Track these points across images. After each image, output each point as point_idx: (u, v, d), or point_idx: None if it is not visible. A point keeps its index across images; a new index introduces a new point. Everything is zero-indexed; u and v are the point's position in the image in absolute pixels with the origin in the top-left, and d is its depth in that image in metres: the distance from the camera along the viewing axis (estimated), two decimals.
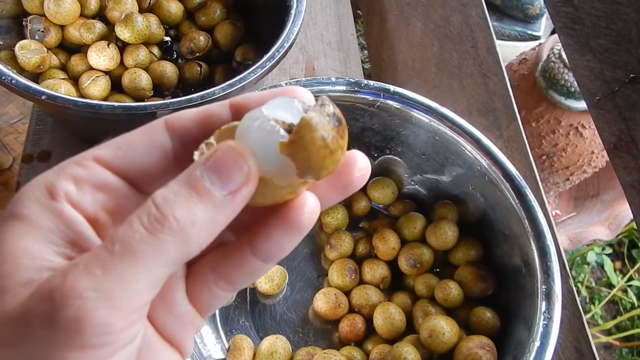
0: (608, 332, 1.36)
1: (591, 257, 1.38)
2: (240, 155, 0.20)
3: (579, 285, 1.41)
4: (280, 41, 0.60)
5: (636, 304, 1.38)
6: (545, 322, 0.45)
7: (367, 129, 0.59)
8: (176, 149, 0.23)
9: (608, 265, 1.40)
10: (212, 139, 0.21)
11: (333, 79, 0.56)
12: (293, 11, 0.63)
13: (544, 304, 0.46)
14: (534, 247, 0.50)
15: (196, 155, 0.21)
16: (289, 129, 0.20)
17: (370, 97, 0.56)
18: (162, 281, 0.20)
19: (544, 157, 1.07)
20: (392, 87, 0.56)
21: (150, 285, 0.19)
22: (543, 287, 0.47)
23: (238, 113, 0.23)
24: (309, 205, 0.21)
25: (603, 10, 0.43)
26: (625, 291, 1.41)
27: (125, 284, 0.18)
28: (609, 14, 0.42)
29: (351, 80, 0.56)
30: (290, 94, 0.22)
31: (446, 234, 0.57)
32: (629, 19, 0.41)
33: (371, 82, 0.56)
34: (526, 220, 0.51)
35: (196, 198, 0.19)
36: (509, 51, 1.30)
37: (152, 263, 0.18)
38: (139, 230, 0.18)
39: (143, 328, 0.20)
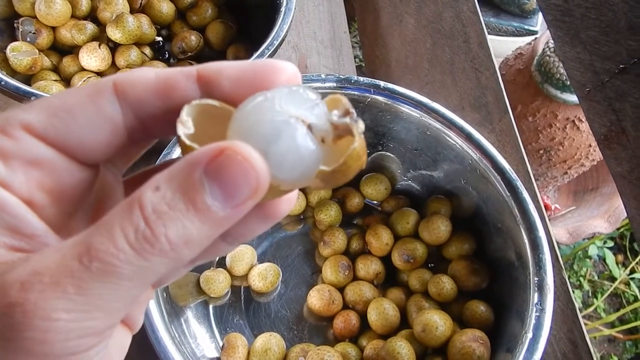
0: (611, 325, 1.35)
1: (593, 250, 1.38)
2: (252, 169, 0.16)
3: (581, 279, 1.41)
4: (269, 39, 0.60)
5: (639, 297, 1.37)
6: (538, 314, 0.45)
7: None
8: (128, 122, 0.19)
9: (610, 258, 1.39)
10: (184, 115, 0.18)
11: (323, 76, 0.56)
12: (283, 9, 0.63)
13: (536, 295, 0.46)
14: (526, 240, 0.49)
15: (182, 132, 0.18)
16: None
17: (360, 94, 0.56)
18: (142, 292, 0.18)
19: (541, 152, 1.07)
20: (382, 83, 0.56)
21: (130, 301, 0.17)
22: (535, 279, 0.47)
23: (207, 87, 0.19)
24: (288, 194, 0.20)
25: (592, 2, 0.42)
26: (627, 284, 1.40)
27: (103, 305, 0.16)
28: (598, 5, 0.42)
29: (341, 76, 0.56)
30: (272, 69, 0.19)
31: (439, 228, 0.57)
32: (618, 10, 0.40)
33: (361, 78, 0.56)
34: (518, 213, 0.51)
35: (193, 214, 0.16)
36: (506, 47, 1.30)
37: (137, 283, 0.16)
38: (124, 249, 0.16)
39: None
